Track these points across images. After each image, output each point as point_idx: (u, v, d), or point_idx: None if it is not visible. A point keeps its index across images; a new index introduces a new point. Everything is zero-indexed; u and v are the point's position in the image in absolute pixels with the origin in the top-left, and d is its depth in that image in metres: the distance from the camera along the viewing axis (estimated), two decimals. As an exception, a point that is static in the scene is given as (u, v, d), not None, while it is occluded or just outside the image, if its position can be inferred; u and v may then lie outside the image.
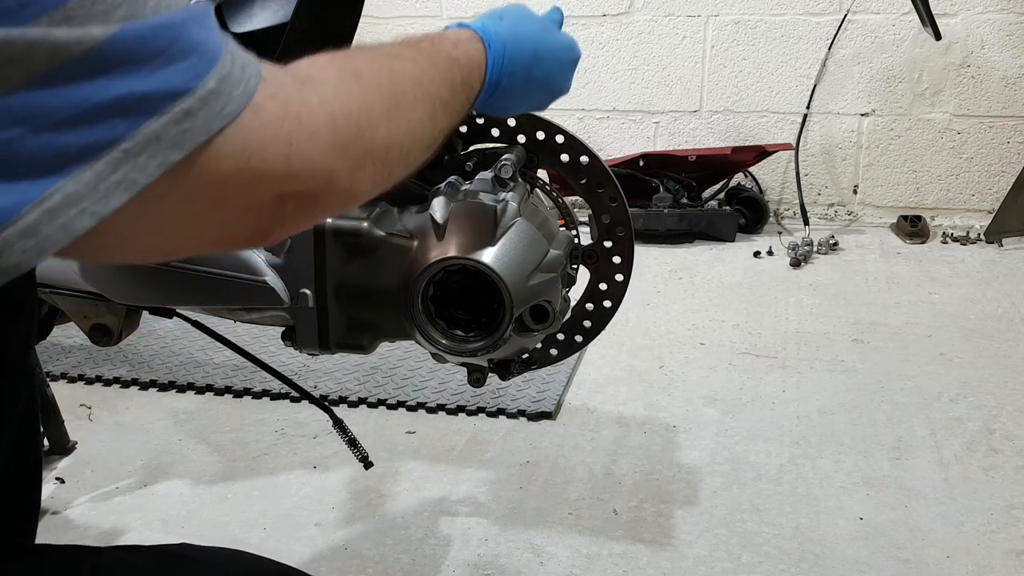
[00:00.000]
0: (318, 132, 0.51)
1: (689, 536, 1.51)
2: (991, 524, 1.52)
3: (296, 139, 0.50)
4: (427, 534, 1.53)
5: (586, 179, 1.06)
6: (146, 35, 0.43)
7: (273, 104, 0.49)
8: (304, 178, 0.51)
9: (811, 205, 3.34)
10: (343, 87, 0.55)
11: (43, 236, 0.42)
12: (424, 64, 0.67)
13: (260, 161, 0.48)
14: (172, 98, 0.44)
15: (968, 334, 2.31)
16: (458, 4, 3.47)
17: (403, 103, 0.60)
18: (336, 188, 0.54)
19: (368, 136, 0.55)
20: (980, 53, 3.15)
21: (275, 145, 0.49)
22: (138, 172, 0.44)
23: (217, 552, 0.79)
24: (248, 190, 0.49)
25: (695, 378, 2.09)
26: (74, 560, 0.74)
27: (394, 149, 0.59)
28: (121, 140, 0.43)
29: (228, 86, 0.46)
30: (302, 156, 0.50)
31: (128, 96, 0.42)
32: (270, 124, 0.48)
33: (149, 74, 0.43)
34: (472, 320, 1.00)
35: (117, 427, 1.92)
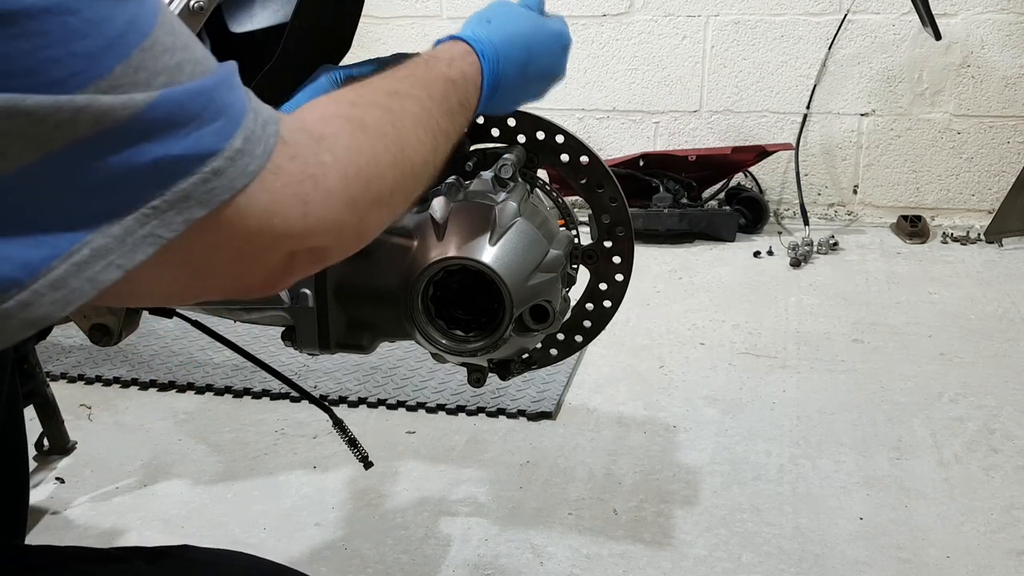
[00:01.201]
0: (332, 190, 0.53)
1: (689, 536, 1.51)
2: (991, 524, 1.52)
3: (312, 198, 0.52)
4: (427, 534, 1.53)
5: (586, 179, 1.06)
6: (184, 100, 0.45)
7: (292, 165, 0.51)
8: (318, 235, 0.53)
9: (811, 205, 3.34)
10: (353, 142, 0.56)
11: (71, 288, 0.43)
12: (423, 98, 0.68)
13: (281, 220, 0.50)
14: (203, 159, 0.46)
15: (968, 334, 2.31)
16: (458, 4, 3.47)
17: (407, 148, 0.62)
18: (345, 240, 0.57)
19: (376, 186, 0.57)
20: (980, 53, 3.15)
21: (294, 205, 0.51)
22: (164, 227, 0.45)
23: (217, 553, 0.79)
24: (268, 246, 0.51)
25: (695, 378, 2.09)
26: (73, 561, 0.74)
27: (399, 192, 0.61)
28: (152, 198, 0.44)
29: (252, 145, 0.48)
30: (317, 214, 0.52)
31: (164, 159, 0.44)
32: (290, 185, 0.50)
33: (184, 137, 0.45)
34: (472, 320, 1.00)
35: (117, 427, 1.92)
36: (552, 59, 0.92)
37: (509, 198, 0.99)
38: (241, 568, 0.78)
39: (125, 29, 0.43)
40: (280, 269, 0.54)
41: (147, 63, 0.44)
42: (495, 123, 1.06)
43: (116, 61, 0.43)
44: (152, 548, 0.77)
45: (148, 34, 0.44)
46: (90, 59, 0.42)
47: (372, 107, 0.61)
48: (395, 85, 0.67)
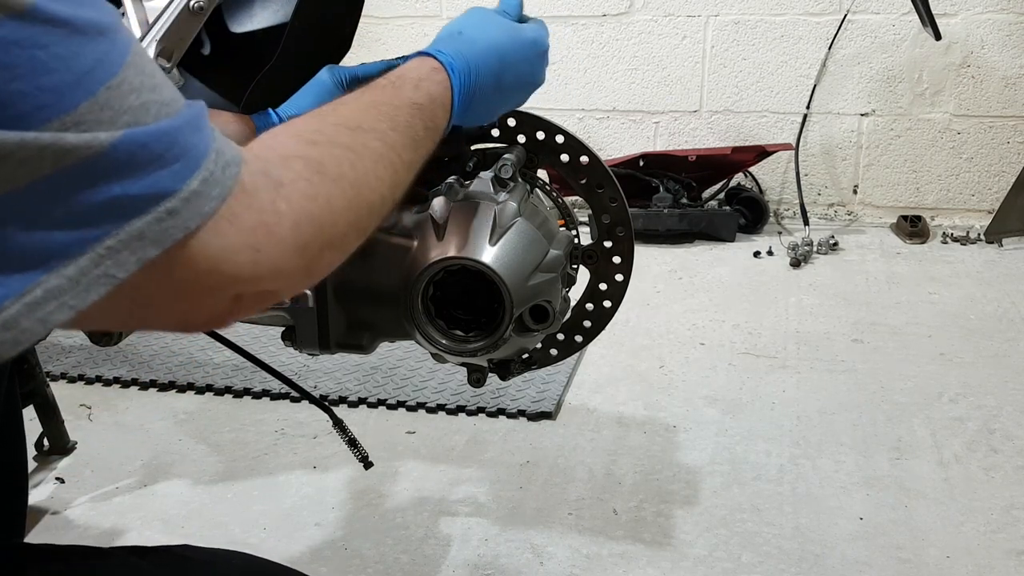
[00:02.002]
0: (284, 238, 0.54)
1: (689, 536, 1.51)
2: (991, 524, 1.52)
3: (264, 246, 0.52)
4: (427, 534, 1.53)
5: (586, 179, 1.06)
6: (146, 141, 0.45)
7: (248, 214, 0.51)
8: (266, 281, 0.54)
9: (811, 205, 3.34)
10: (310, 189, 0.56)
11: (21, 329, 0.43)
12: (386, 131, 0.68)
13: (231, 266, 0.51)
14: (159, 199, 0.46)
15: (968, 334, 2.31)
16: (458, 4, 3.47)
17: (364, 189, 0.62)
18: (293, 284, 0.57)
19: (328, 231, 0.58)
20: (980, 53, 3.15)
21: (245, 252, 0.51)
22: (117, 268, 0.45)
23: (217, 553, 0.79)
24: (214, 290, 0.52)
25: (695, 378, 2.09)
26: (75, 561, 0.74)
27: (352, 233, 0.61)
28: (107, 237, 0.44)
29: (209, 187, 0.48)
30: (267, 262, 0.53)
31: (122, 198, 0.44)
32: (243, 232, 0.51)
33: (144, 177, 0.45)
34: (472, 320, 1.00)
35: (117, 427, 1.92)
36: (528, 67, 0.91)
37: (509, 198, 0.99)
38: (238, 567, 0.78)
39: (93, 66, 0.44)
40: (225, 310, 0.54)
41: (113, 102, 0.44)
42: (495, 123, 1.06)
43: (83, 98, 0.43)
44: (150, 547, 0.77)
45: (116, 73, 0.45)
46: (57, 94, 0.42)
47: (332, 147, 0.61)
48: (358, 118, 0.67)
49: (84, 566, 0.73)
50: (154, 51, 0.98)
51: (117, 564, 0.74)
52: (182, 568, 0.75)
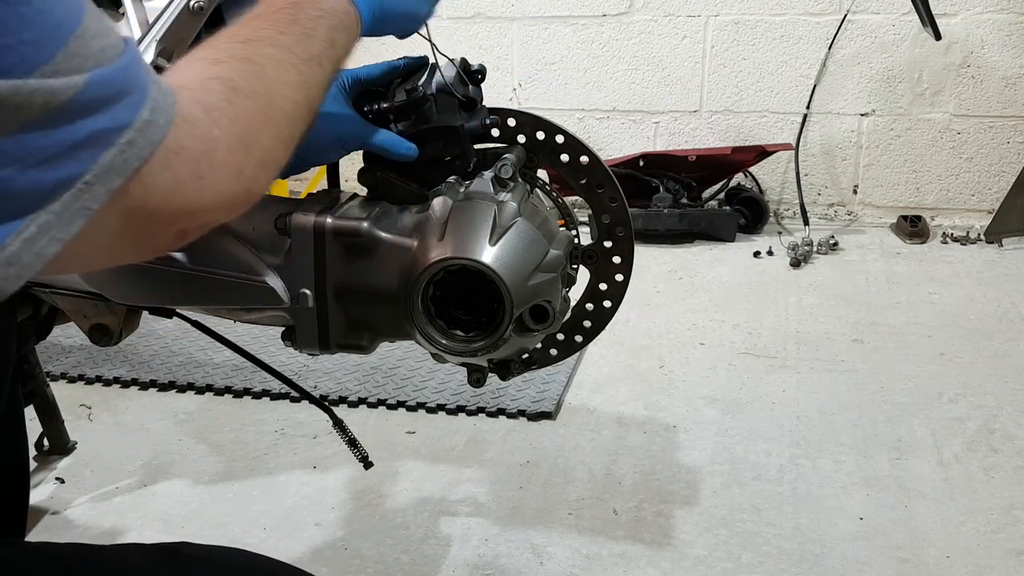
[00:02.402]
0: (223, 164, 0.56)
1: (689, 536, 1.51)
2: (991, 524, 1.52)
3: (206, 173, 0.55)
4: (427, 534, 1.53)
5: (586, 179, 1.06)
6: (111, 78, 0.49)
7: (192, 144, 0.54)
8: (211, 210, 0.56)
9: (811, 205, 3.34)
10: (231, 110, 0.59)
11: (23, 263, 0.47)
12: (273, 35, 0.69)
13: (181, 198, 0.53)
14: (120, 131, 0.49)
15: (968, 334, 2.31)
16: (458, 4, 3.47)
17: (275, 99, 0.64)
18: (236, 207, 0.59)
19: (256, 150, 0.60)
20: (980, 53, 3.15)
21: (191, 181, 0.54)
22: (93, 199, 0.49)
23: (215, 550, 0.79)
24: (166, 222, 0.55)
25: (695, 378, 2.09)
26: (73, 558, 0.74)
27: (278, 147, 0.63)
28: (86, 172, 0.48)
29: (156, 115, 0.51)
30: (211, 189, 0.55)
31: (95, 133, 0.48)
32: (189, 162, 0.53)
33: (108, 111, 0.49)
34: (472, 320, 1.00)
35: (117, 427, 1.92)
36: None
37: (509, 198, 0.99)
38: (237, 564, 0.78)
39: (62, 18, 0.47)
40: (176, 239, 0.57)
41: (80, 49, 0.47)
42: (495, 123, 1.06)
43: (57, 48, 0.46)
44: (150, 545, 0.77)
45: (80, 22, 0.48)
46: (36, 47, 0.45)
47: (235, 63, 0.63)
48: (243, 32, 0.68)
49: (81, 564, 0.73)
50: (154, 51, 0.98)
51: (115, 561, 0.74)
52: (181, 565, 0.75)
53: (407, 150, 1.00)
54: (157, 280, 1.07)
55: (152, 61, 0.99)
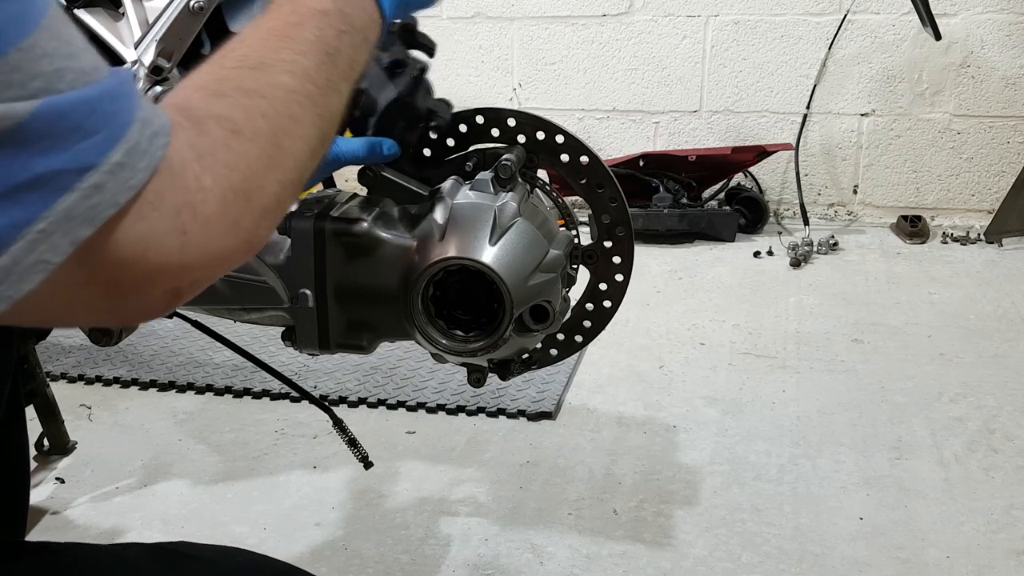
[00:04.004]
0: (211, 218, 0.50)
1: (689, 536, 1.51)
2: (991, 524, 1.52)
3: (190, 228, 0.49)
4: (427, 534, 1.53)
5: (586, 179, 1.06)
6: (65, 110, 0.43)
7: (172, 195, 0.48)
8: (198, 267, 0.50)
9: (811, 205, 3.34)
10: (230, 157, 0.53)
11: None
12: (292, 58, 0.61)
13: (158, 253, 0.48)
14: (81, 173, 0.43)
15: (968, 334, 2.31)
16: (458, 4, 3.47)
17: (285, 140, 0.57)
18: (232, 261, 0.53)
19: (257, 199, 0.54)
20: (980, 53, 3.15)
21: (171, 236, 0.48)
22: (52, 252, 0.43)
23: (213, 549, 0.79)
24: (144, 280, 0.48)
25: (695, 378, 2.09)
26: (72, 557, 0.74)
27: (284, 192, 0.57)
28: (37, 220, 0.42)
29: (134, 158, 0.46)
30: (196, 245, 0.49)
31: (45, 174, 0.42)
32: (168, 215, 0.48)
33: (65, 150, 0.43)
34: (472, 320, 1.00)
35: (117, 427, 1.92)
36: None
37: (509, 198, 0.99)
38: (236, 563, 0.78)
39: (4, 26, 0.41)
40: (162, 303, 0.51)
41: (24, 64, 0.42)
42: (495, 123, 1.06)
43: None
44: (149, 544, 0.77)
45: (29, 35, 0.42)
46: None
47: (240, 97, 0.56)
48: (259, 53, 0.60)
49: (80, 563, 0.73)
50: (154, 51, 0.98)
51: (114, 561, 0.74)
52: (180, 564, 0.75)
53: (388, 149, 0.97)
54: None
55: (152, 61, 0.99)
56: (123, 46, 1.03)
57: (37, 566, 0.71)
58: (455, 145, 1.07)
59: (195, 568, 0.75)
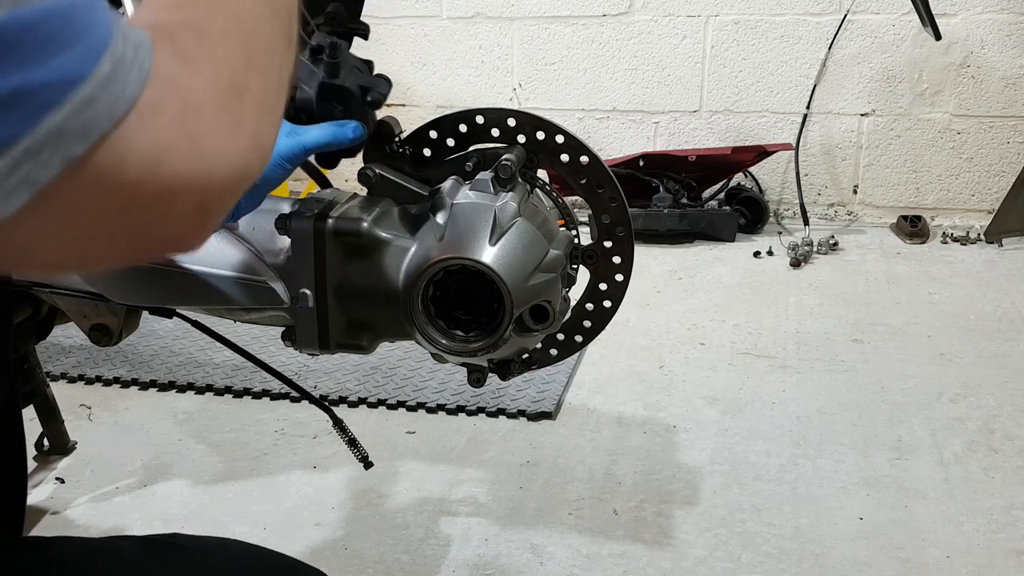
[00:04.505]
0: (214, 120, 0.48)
1: (689, 536, 1.51)
2: (991, 524, 1.52)
3: (198, 133, 0.46)
4: (427, 534, 1.53)
5: (586, 179, 1.06)
6: (33, 22, 0.40)
7: (172, 100, 0.46)
8: (219, 174, 0.47)
9: (811, 205, 3.34)
10: (208, 52, 0.50)
11: None
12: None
13: (170, 163, 0.45)
14: (69, 86, 0.41)
15: (968, 334, 2.31)
16: (458, 4, 3.47)
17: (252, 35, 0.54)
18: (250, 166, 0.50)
19: (249, 95, 0.51)
20: (980, 53, 3.15)
21: (182, 144, 0.45)
22: (40, 169, 0.41)
23: (206, 540, 0.79)
24: (164, 197, 0.46)
25: (695, 378, 2.09)
26: (65, 550, 0.74)
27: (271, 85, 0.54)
28: (21, 137, 0.40)
29: (124, 68, 0.43)
30: (210, 148, 0.47)
31: (24, 89, 0.40)
32: (172, 123, 0.45)
33: (42, 63, 0.40)
34: (472, 320, 1.00)
35: (117, 427, 1.92)
36: None
37: (509, 198, 0.99)
38: (229, 553, 0.78)
39: None
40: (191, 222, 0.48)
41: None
42: (495, 123, 1.06)
43: None
44: (141, 536, 0.77)
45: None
46: None
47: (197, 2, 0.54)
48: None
49: (74, 555, 0.73)
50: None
51: (107, 553, 0.74)
52: (173, 556, 0.75)
53: (354, 131, 0.94)
54: (157, 280, 1.07)
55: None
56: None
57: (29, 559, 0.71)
58: (455, 145, 1.07)
59: (187, 559, 0.75)
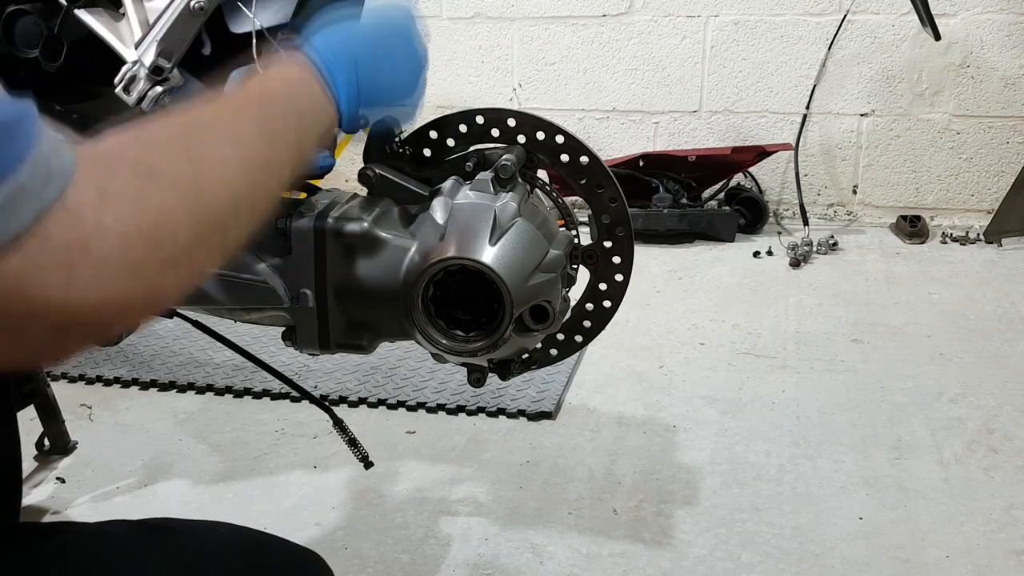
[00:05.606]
0: (106, 258, 0.47)
1: (689, 536, 1.51)
2: (991, 524, 1.52)
3: (79, 266, 0.46)
4: (427, 534, 1.53)
5: (586, 179, 1.06)
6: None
7: (61, 232, 0.46)
8: (88, 310, 0.47)
9: (811, 205, 3.34)
10: (141, 195, 0.50)
11: None
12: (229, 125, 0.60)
13: (36, 289, 0.45)
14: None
15: (967, 334, 2.31)
16: (458, 4, 3.47)
17: (206, 193, 0.55)
18: (131, 311, 0.50)
19: (168, 246, 0.51)
20: (979, 53, 3.15)
21: (56, 273, 0.45)
22: None
23: (198, 523, 0.80)
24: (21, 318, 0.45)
25: (695, 378, 2.09)
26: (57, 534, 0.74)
27: (199, 247, 0.54)
28: None
29: (18, 202, 0.44)
30: (84, 285, 0.47)
31: None
32: (53, 251, 0.45)
33: None
34: (472, 320, 1.00)
35: (117, 427, 1.92)
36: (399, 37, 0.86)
37: (509, 198, 0.99)
38: (220, 535, 0.79)
39: None
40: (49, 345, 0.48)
41: None
42: (495, 123, 1.06)
43: None
44: (135, 520, 0.77)
45: None
46: None
47: (166, 148, 0.55)
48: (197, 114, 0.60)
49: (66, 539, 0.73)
50: (154, 51, 0.98)
51: (99, 536, 0.75)
52: (165, 538, 0.76)
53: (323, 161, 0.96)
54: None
55: (152, 62, 0.99)
56: (123, 46, 1.03)
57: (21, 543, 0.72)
58: (455, 145, 1.07)
59: (179, 541, 0.76)
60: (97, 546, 0.73)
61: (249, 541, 0.79)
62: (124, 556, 0.72)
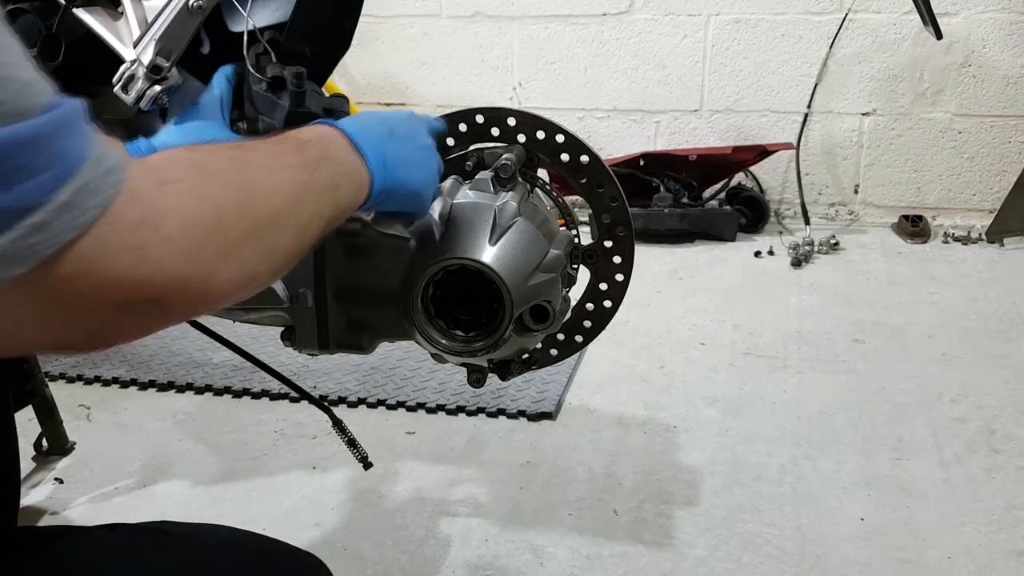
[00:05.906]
0: (172, 238, 0.49)
1: (690, 537, 1.50)
2: (992, 524, 1.52)
3: (148, 244, 0.48)
4: (427, 534, 1.52)
5: (586, 179, 1.06)
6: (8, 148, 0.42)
7: (130, 212, 0.48)
8: (154, 285, 0.49)
9: (812, 205, 3.33)
10: (196, 186, 0.53)
11: None
12: (273, 152, 0.64)
13: (106, 266, 0.46)
14: (23, 213, 0.43)
15: (969, 334, 2.30)
16: (458, 4, 3.46)
17: (256, 194, 0.58)
18: (189, 295, 0.52)
19: (222, 237, 0.53)
20: (981, 52, 3.14)
21: (126, 251, 0.47)
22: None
23: (196, 526, 0.80)
24: (88, 295, 0.47)
25: (695, 378, 2.09)
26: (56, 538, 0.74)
27: (250, 244, 0.56)
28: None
29: (84, 197, 0.45)
30: (154, 262, 0.48)
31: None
32: (124, 230, 0.47)
33: (7, 190, 0.42)
34: (472, 320, 1.00)
35: (116, 427, 1.92)
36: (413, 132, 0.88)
37: (509, 198, 0.99)
38: (219, 538, 0.79)
39: None
40: (106, 324, 0.49)
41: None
42: (495, 122, 1.05)
43: None
44: (134, 524, 0.77)
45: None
46: None
47: (216, 153, 0.58)
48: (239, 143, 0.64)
49: (64, 543, 0.73)
50: (153, 50, 0.98)
51: (98, 540, 0.75)
52: (164, 542, 0.76)
53: None
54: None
55: (151, 61, 0.99)
56: (122, 45, 1.02)
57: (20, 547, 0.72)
58: (455, 144, 1.07)
59: (179, 545, 0.76)
60: (96, 551, 0.73)
61: (249, 545, 0.79)
62: (123, 560, 0.72)
